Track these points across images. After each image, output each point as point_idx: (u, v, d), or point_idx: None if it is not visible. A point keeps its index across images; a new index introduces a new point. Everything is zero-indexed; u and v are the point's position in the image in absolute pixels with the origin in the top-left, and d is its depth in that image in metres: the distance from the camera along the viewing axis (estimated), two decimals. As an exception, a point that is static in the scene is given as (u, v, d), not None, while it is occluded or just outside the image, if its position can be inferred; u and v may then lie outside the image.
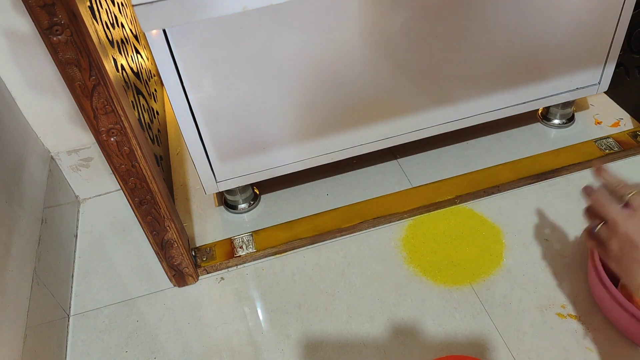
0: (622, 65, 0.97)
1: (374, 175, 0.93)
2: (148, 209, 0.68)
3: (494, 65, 0.81)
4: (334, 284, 0.77)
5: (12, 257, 0.66)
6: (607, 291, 0.65)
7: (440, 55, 0.77)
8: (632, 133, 0.95)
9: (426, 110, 0.83)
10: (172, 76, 0.66)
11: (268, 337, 0.72)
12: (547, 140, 0.96)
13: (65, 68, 0.53)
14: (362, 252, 0.81)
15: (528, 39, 0.80)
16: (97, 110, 0.57)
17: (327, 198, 0.90)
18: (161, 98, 1.09)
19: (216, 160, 0.77)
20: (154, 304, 0.78)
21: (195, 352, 0.71)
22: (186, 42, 0.64)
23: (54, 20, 0.49)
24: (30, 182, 0.78)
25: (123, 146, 0.61)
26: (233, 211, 0.89)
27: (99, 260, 0.86)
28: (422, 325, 0.71)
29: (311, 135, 0.79)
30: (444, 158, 0.95)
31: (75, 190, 0.94)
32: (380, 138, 0.84)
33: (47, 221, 0.79)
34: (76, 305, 0.80)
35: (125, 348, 0.73)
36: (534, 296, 0.72)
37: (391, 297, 0.74)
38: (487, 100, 0.85)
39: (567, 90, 0.90)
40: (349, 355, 0.69)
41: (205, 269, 0.80)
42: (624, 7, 0.81)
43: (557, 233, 0.80)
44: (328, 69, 0.72)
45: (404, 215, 0.85)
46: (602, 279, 0.66)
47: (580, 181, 0.88)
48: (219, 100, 0.71)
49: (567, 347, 0.67)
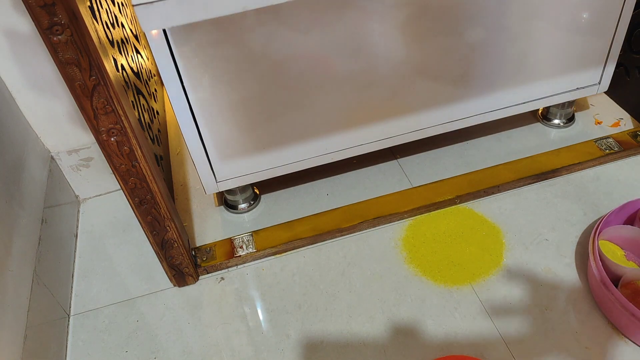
0: (622, 65, 0.97)
1: (374, 175, 0.93)
2: (148, 209, 0.68)
3: (494, 65, 0.81)
4: (334, 284, 0.77)
5: (12, 257, 0.66)
6: (607, 291, 0.66)
7: (440, 54, 0.77)
8: (632, 133, 0.95)
9: (426, 110, 0.83)
10: (172, 76, 0.66)
11: (268, 337, 0.72)
12: (547, 140, 0.96)
13: (65, 68, 0.53)
14: (362, 252, 0.81)
15: (528, 38, 0.80)
16: (97, 110, 0.57)
17: (327, 198, 0.90)
18: (161, 98, 1.09)
19: (216, 160, 0.77)
20: (154, 304, 0.78)
21: (195, 352, 0.71)
22: (186, 42, 0.64)
23: (54, 20, 0.49)
24: (30, 182, 0.78)
25: (123, 146, 0.61)
26: (233, 211, 0.89)
27: (99, 260, 0.86)
28: (422, 325, 0.71)
29: (311, 135, 0.79)
30: (444, 158, 0.95)
31: (75, 190, 0.94)
32: (380, 138, 0.84)
33: (47, 221, 0.79)
34: (76, 305, 0.80)
35: (126, 348, 0.73)
36: (534, 296, 0.72)
37: (391, 297, 0.74)
38: (487, 100, 0.85)
39: (567, 90, 0.90)
40: (349, 355, 0.69)
41: (205, 268, 0.80)
42: (624, 7, 0.81)
43: (557, 233, 0.80)
44: (328, 69, 0.72)
45: (404, 215, 0.85)
46: (603, 280, 0.66)
47: (580, 181, 0.88)
48: (219, 100, 0.71)
49: (567, 347, 0.67)
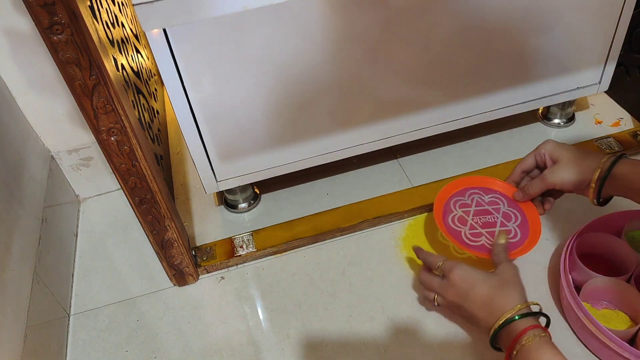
0: (622, 65, 0.97)
1: (374, 174, 0.93)
2: (148, 209, 0.68)
3: (494, 65, 0.81)
4: (334, 283, 0.77)
5: (13, 256, 0.66)
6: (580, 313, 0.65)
7: (440, 54, 0.77)
8: (632, 133, 0.95)
9: (426, 110, 0.83)
10: (172, 75, 0.66)
11: (268, 336, 0.72)
12: (547, 140, 0.96)
13: (65, 67, 0.53)
14: (362, 252, 0.81)
15: (528, 38, 0.80)
16: (98, 109, 0.57)
17: (327, 198, 0.90)
18: (161, 97, 1.09)
19: (216, 159, 0.77)
20: (154, 304, 0.78)
21: (195, 351, 0.71)
22: (186, 41, 0.64)
23: (54, 20, 0.49)
24: (30, 181, 0.78)
25: (123, 145, 0.61)
26: (233, 210, 0.89)
27: (100, 259, 0.86)
28: (422, 325, 0.71)
29: (311, 134, 0.79)
30: (444, 158, 0.95)
31: (75, 190, 0.95)
32: (380, 137, 0.84)
33: (48, 220, 0.79)
34: (76, 304, 0.80)
35: (126, 347, 0.73)
36: (534, 296, 0.72)
37: (391, 296, 0.74)
38: (487, 100, 0.85)
39: (568, 90, 0.90)
40: (349, 355, 0.69)
41: (206, 268, 0.80)
42: (624, 7, 0.81)
43: (557, 233, 0.80)
44: (328, 69, 0.72)
45: (404, 215, 0.85)
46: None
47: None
48: (219, 99, 0.71)
49: (567, 347, 0.67)
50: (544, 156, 0.71)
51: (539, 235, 0.71)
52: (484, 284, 0.62)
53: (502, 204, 0.76)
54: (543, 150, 0.71)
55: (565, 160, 0.69)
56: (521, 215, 0.74)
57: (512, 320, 0.58)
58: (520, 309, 0.58)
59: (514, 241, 0.72)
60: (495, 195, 0.77)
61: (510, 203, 0.76)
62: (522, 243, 0.72)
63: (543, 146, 0.71)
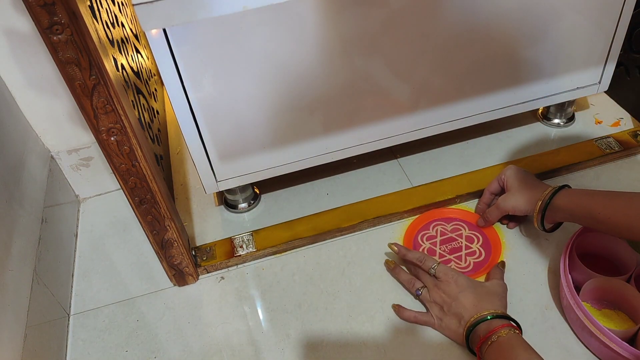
0: (622, 65, 0.97)
1: (374, 174, 0.93)
2: (148, 209, 0.68)
3: (493, 65, 0.81)
4: (334, 283, 0.77)
5: (12, 256, 0.66)
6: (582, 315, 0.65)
7: (440, 54, 0.77)
8: (632, 132, 0.95)
9: (426, 110, 0.83)
10: (172, 75, 0.66)
11: (268, 336, 0.72)
12: (547, 140, 0.96)
13: (65, 67, 0.53)
14: (362, 252, 0.81)
15: (528, 38, 0.80)
16: (97, 109, 0.57)
17: (327, 198, 0.90)
18: (161, 97, 1.09)
19: (216, 159, 0.77)
20: (154, 304, 0.78)
21: (195, 351, 0.71)
22: (186, 41, 0.64)
23: (54, 20, 0.49)
24: (30, 181, 0.78)
25: (123, 145, 0.61)
26: (233, 210, 0.89)
27: (99, 259, 0.86)
28: (422, 325, 0.71)
29: (311, 134, 0.79)
30: (444, 158, 0.95)
31: (75, 190, 0.95)
32: (380, 137, 0.84)
33: (47, 220, 0.79)
34: (76, 304, 0.80)
35: (126, 347, 0.73)
36: (534, 296, 0.72)
37: (391, 296, 0.74)
38: (487, 100, 0.85)
39: (568, 90, 0.90)
40: (349, 355, 0.69)
41: (206, 268, 0.80)
42: (624, 7, 0.81)
43: (557, 232, 0.80)
44: (328, 69, 0.72)
45: (404, 214, 0.85)
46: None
47: (580, 181, 0.88)
48: (219, 99, 0.71)
49: (567, 347, 0.67)
50: (503, 181, 0.79)
51: (500, 250, 0.78)
52: (474, 289, 0.67)
53: (464, 229, 0.83)
54: (503, 176, 0.79)
55: (514, 190, 0.76)
56: (482, 236, 0.81)
57: (486, 319, 0.63)
58: (497, 312, 0.64)
59: (479, 261, 0.78)
60: (457, 222, 0.84)
61: (471, 226, 0.83)
62: (487, 261, 0.77)
63: (504, 171, 0.79)
